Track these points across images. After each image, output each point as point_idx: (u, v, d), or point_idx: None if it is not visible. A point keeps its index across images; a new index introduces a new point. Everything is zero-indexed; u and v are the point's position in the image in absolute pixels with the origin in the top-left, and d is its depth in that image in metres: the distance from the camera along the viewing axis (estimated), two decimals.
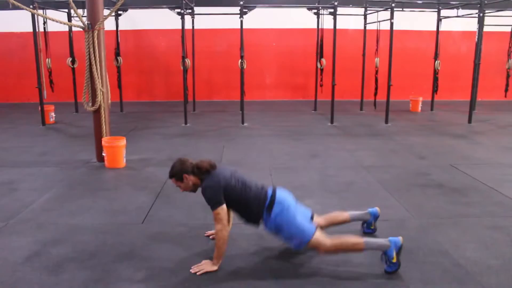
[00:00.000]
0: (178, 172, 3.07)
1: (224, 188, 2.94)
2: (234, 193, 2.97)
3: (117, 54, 9.71)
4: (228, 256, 3.07)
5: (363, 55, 10.04)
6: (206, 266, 2.91)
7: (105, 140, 5.44)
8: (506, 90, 9.58)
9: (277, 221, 2.94)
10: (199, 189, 3.08)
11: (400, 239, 2.89)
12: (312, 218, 3.15)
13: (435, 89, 10.13)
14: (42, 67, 8.25)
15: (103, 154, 5.44)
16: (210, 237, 3.39)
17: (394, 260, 2.84)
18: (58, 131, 7.88)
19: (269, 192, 3.04)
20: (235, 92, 10.19)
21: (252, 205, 2.99)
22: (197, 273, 2.85)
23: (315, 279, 2.82)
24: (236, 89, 9.53)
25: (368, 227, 3.46)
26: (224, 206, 2.93)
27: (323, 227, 3.23)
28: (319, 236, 2.91)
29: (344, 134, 7.57)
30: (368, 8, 9.59)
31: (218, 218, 2.90)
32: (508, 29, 9.55)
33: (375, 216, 3.43)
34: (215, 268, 2.90)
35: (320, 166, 5.49)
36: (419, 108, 10.21)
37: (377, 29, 9.29)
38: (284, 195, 3.06)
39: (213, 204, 2.92)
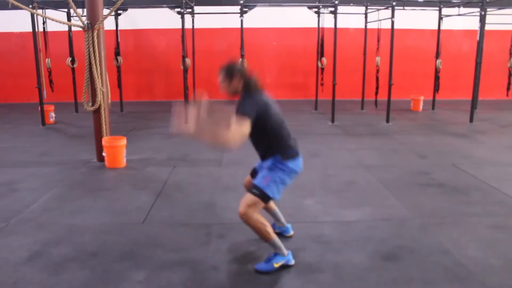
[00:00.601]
0: (234, 70, 2.92)
1: (262, 112, 2.78)
2: (269, 122, 2.84)
3: (117, 53, 9.71)
4: (229, 257, 3.06)
5: (364, 54, 10.02)
6: (189, 124, 2.65)
7: (105, 140, 5.43)
8: (508, 88, 9.55)
9: (281, 168, 2.86)
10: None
11: (293, 262, 2.94)
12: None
13: (436, 88, 10.10)
14: (42, 67, 8.25)
15: (103, 154, 5.43)
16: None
17: (276, 265, 2.87)
18: (58, 131, 7.88)
19: (299, 152, 2.96)
20: None
21: (277, 144, 2.88)
22: (175, 132, 2.63)
23: (315, 278, 2.81)
24: None
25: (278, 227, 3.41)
26: (249, 125, 2.71)
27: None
28: (259, 206, 2.87)
29: (345, 134, 7.56)
30: (368, 7, 9.58)
31: (235, 129, 2.67)
32: (509, 27, 9.52)
33: (284, 231, 3.37)
34: (191, 131, 2.63)
35: (321, 165, 5.48)
36: (421, 107, 10.19)
37: (378, 28, 9.28)
38: (300, 167, 2.97)
39: (242, 112, 2.72)
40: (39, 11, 8.24)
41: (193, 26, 10.26)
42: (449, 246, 3.23)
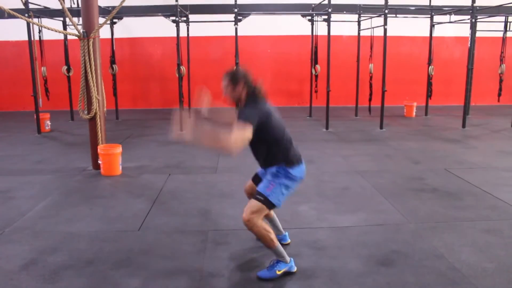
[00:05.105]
0: (238, 77, 2.88)
1: (264, 120, 2.78)
2: (271, 131, 2.85)
3: (113, 62, 9.74)
4: (225, 263, 3.08)
5: (357, 61, 10.11)
6: (186, 130, 2.66)
7: (101, 148, 5.44)
8: (499, 94, 9.67)
9: (285, 175, 2.88)
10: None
11: (295, 269, 2.97)
12: None
13: (429, 94, 10.21)
14: (38, 75, 8.26)
15: (99, 161, 5.44)
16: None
17: (278, 272, 2.89)
18: (53, 139, 7.87)
19: (301, 159, 3.00)
20: None
21: (278, 153, 2.90)
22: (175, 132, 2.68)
23: (310, 284, 2.83)
24: None
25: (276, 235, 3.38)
26: (251, 131, 2.69)
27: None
28: (264, 213, 2.89)
29: (339, 140, 7.61)
30: (361, 15, 9.68)
31: (238, 136, 2.64)
32: (500, 34, 9.66)
33: (282, 239, 3.39)
34: (188, 138, 2.65)
35: (316, 171, 5.51)
36: (414, 113, 10.28)
37: (371, 35, 9.37)
38: (304, 173, 3.00)
39: (244, 118, 2.71)
40: (35, 20, 8.25)
41: (188, 34, 10.32)
42: (443, 250, 3.26)
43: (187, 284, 2.83)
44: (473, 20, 8.41)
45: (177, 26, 8.19)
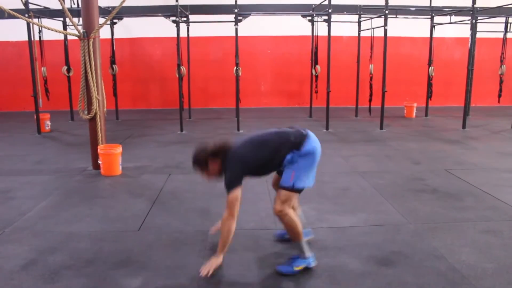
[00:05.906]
0: (202, 159, 2.91)
1: (243, 163, 2.85)
2: (254, 160, 2.89)
3: (113, 62, 9.75)
4: (225, 263, 3.08)
5: (358, 61, 10.12)
6: (212, 263, 2.90)
7: (101, 148, 5.44)
8: (499, 95, 9.68)
9: (300, 156, 2.93)
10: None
11: (313, 264, 3.01)
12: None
13: (429, 95, 10.21)
14: (38, 75, 8.26)
15: (99, 162, 5.44)
16: (214, 231, 3.37)
17: (296, 268, 2.94)
18: (53, 140, 7.87)
19: (305, 134, 3.02)
20: (231, 99, 10.21)
21: (274, 160, 2.94)
22: (208, 275, 2.85)
23: (311, 284, 2.83)
24: (231, 96, 9.56)
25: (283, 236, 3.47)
26: (240, 191, 2.80)
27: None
28: (294, 199, 2.99)
29: (340, 140, 7.61)
30: (362, 15, 9.69)
31: (230, 205, 2.80)
32: (500, 35, 9.67)
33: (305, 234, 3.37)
34: (220, 260, 2.91)
35: (316, 172, 5.50)
36: (414, 114, 10.29)
37: (371, 36, 9.38)
38: (317, 143, 3.06)
39: (230, 184, 2.80)
40: (35, 20, 8.26)
41: (188, 34, 10.33)
42: (443, 251, 3.26)
43: (187, 284, 2.83)
44: (474, 21, 8.41)
45: (177, 27, 8.20)
